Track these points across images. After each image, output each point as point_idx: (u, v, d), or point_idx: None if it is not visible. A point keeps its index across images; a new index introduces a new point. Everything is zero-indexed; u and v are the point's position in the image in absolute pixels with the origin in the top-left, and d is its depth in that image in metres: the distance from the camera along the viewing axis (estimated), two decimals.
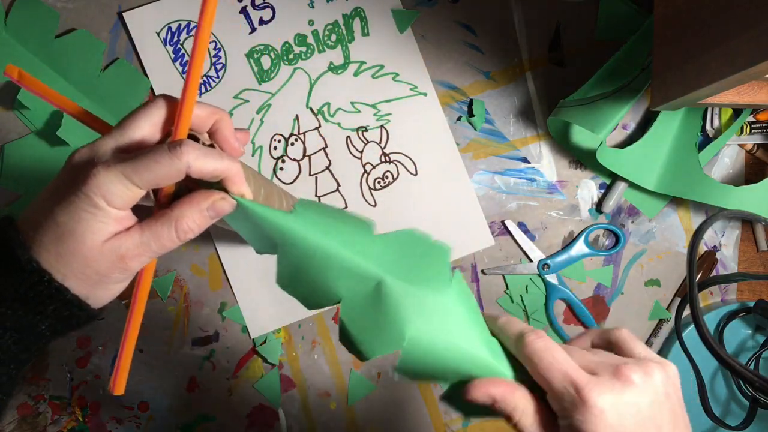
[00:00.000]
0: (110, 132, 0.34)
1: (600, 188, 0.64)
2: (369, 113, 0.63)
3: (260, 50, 0.62)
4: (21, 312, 0.34)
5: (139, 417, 0.62)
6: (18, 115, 0.60)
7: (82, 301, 0.35)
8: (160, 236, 0.35)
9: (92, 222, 0.33)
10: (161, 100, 0.35)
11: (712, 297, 0.66)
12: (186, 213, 0.35)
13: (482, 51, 0.63)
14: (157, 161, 0.32)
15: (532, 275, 0.64)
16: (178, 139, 0.33)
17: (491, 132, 0.64)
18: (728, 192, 0.58)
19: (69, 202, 0.33)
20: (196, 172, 0.33)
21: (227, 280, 0.62)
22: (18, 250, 0.33)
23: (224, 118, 0.37)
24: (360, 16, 0.63)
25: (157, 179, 0.33)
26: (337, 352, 0.63)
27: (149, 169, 0.32)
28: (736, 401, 0.64)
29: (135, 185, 0.33)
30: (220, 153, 0.34)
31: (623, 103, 0.59)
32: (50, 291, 0.33)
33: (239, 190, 0.36)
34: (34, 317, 0.34)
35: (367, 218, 0.36)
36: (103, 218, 0.33)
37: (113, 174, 0.32)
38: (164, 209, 0.35)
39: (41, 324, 0.35)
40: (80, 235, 0.33)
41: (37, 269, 0.33)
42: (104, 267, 0.34)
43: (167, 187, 0.35)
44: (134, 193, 0.33)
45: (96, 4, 0.61)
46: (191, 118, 0.35)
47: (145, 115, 0.34)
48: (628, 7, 0.62)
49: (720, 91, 0.46)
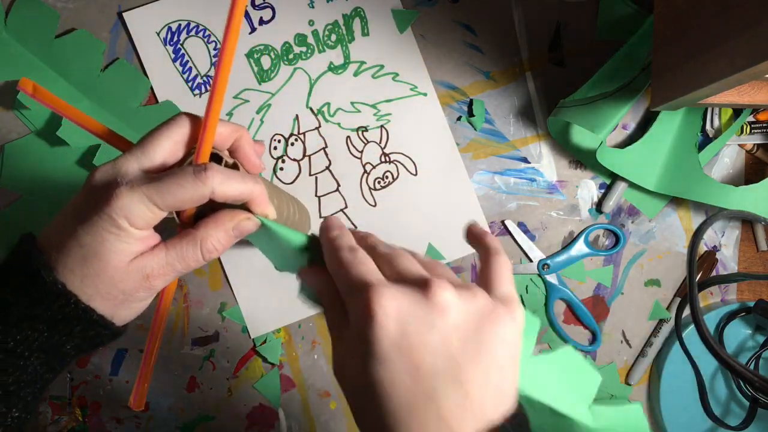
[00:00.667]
0: (132, 150, 0.34)
1: (600, 188, 0.64)
2: (369, 113, 0.63)
3: (260, 50, 0.62)
4: (47, 334, 0.34)
5: (139, 417, 0.62)
6: (18, 115, 0.60)
7: (107, 320, 0.35)
8: (186, 256, 0.35)
9: (116, 243, 0.33)
10: (183, 118, 0.35)
11: (712, 297, 0.66)
12: (211, 233, 0.35)
13: (482, 51, 0.63)
14: (181, 185, 0.32)
15: (532, 275, 0.64)
16: (202, 163, 0.33)
17: (491, 132, 0.64)
18: (728, 192, 0.58)
19: (92, 223, 0.32)
20: (221, 196, 0.33)
21: (227, 280, 0.62)
22: (43, 272, 0.32)
23: (245, 135, 0.37)
24: (360, 16, 0.63)
25: (181, 203, 0.33)
26: None
27: (173, 193, 0.32)
28: (736, 401, 0.64)
29: (158, 207, 0.33)
30: (243, 175, 0.35)
31: (623, 103, 0.59)
32: (77, 313, 0.33)
33: (263, 210, 0.36)
34: (60, 338, 0.34)
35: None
36: (127, 239, 0.33)
37: (137, 196, 0.32)
38: (188, 229, 0.35)
39: (67, 344, 0.35)
40: (104, 256, 0.33)
41: (63, 292, 0.33)
42: (130, 287, 0.34)
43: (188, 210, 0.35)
44: (157, 215, 0.33)
45: (96, 4, 0.61)
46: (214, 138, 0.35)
47: (166, 134, 0.34)
48: (628, 7, 0.62)
49: (720, 91, 0.46)
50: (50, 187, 0.60)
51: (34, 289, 0.33)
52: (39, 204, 0.60)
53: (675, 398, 0.63)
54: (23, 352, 0.33)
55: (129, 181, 0.32)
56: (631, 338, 0.65)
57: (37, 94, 0.35)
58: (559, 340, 0.64)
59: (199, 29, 0.62)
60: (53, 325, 0.33)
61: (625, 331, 0.65)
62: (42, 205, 0.60)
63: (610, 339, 0.65)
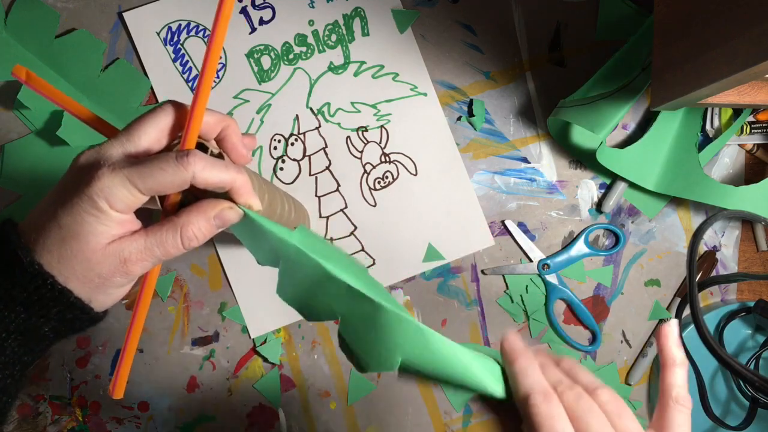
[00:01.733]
0: (117, 136, 0.34)
1: (600, 188, 0.64)
2: (369, 113, 0.63)
3: (260, 50, 0.62)
4: (24, 315, 0.34)
5: (139, 417, 0.62)
6: (18, 115, 0.60)
7: (85, 303, 0.35)
8: (165, 242, 0.35)
9: (95, 224, 0.33)
10: (169, 106, 0.35)
11: (712, 297, 0.66)
12: (192, 220, 0.35)
13: (482, 51, 0.63)
14: (162, 169, 0.32)
15: (532, 275, 0.64)
16: (185, 149, 0.34)
17: (491, 132, 0.64)
18: (728, 192, 0.58)
19: (72, 204, 0.33)
20: (201, 182, 0.33)
21: (227, 280, 0.62)
22: (20, 253, 0.33)
23: (232, 125, 0.37)
24: (360, 16, 0.63)
25: (161, 187, 0.33)
26: (337, 352, 0.63)
27: (154, 177, 0.32)
28: (736, 401, 0.64)
29: (139, 191, 0.33)
30: (226, 164, 0.35)
31: (623, 103, 0.59)
32: (53, 294, 0.33)
33: (246, 201, 0.36)
34: (37, 320, 0.34)
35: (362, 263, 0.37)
36: (106, 221, 0.33)
37: (118, 178, 0.32)
38: (170, 216, 0.35)
39: (44, 326, 0.35)
40: (83, 237, 0.33)
41: (39, 272, 0.33)
42: (106, 270, 0.34)
43: (174, 194, 0.35)
44: (137, 198, 0.33)
45: (96, 4, 0.61)
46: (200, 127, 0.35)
47: (152, 121, 0.34)
48: (628, 7, 0.62)
49: (720, 91, 0.46)
50: (50, 187, 0.60)
51: (11, 270, 0.33)
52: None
53: None
54: (0, 333, 0.33)
55: (111, 164, 0.33)
56: (631, 338, 0.65)
57: (30, 81, 0.35)
58: (559, 340, 0.64)
59: (199, 29, 0.62)
60: (30, 306, 0.33)
61: (625, 331, 0.65)
62: None
63: (610, 339, 0.65)
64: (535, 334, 0.64)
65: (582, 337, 0.64)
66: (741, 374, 0.46)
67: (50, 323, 0.35)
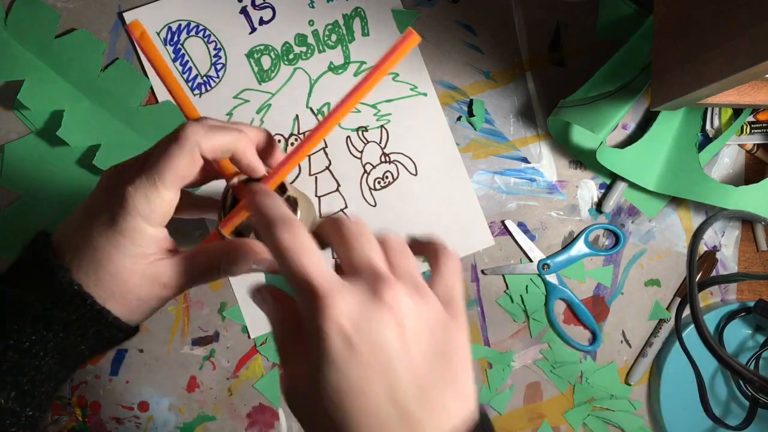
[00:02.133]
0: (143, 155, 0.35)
1: (600, 188, 0.64)
2: (369, 113, 0.63)
3: (260, 50, 0.62)
4: (63, 334, 0.34)
5: (139, 417, 0.62)
6: (18, 115, 0.60)
7: (122, 322, 0.35)
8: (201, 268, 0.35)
9: (131, 247, 0.33)
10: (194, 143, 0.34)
11: (712, 297, 0.66)
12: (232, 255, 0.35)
13: (482, 51, 0.63)
14: (168, 154, 0.32)
15: (532, 275, 0.64)
16: (180, 125, 0.34)
17: (491, 132, 0.64)
18: (728, 192, 0.58)
19: (106, 225, 0.33)
20: (209, 150, 0.33)
21: (227, 280, 0.62)
22: (59, 273, 0.32)
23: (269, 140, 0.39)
24: (360, 16, 0.63)
25: (179, 172, 0.32)
26: None
27: (166, 165, 0.32)
28: (736, 401, 0.64)
29: (164, 187, 0.32)
30: (225, 126, 0.34)
31: (623, 103, 0.59)
32: (92, 314, 0.33)
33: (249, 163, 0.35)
34: (75, 339, 0.34)
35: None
36: (141, 242, 0.33)
37: (141, 190, 0.32)
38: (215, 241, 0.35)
39: (81, 344, 0.35)
40: (119, 261, 0.33)
41: (79, 293, 0.33)
42: (144, 293, 0.34)
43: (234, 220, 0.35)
44: (166, 200, 0.33)
45: (96, 4, 0.61)
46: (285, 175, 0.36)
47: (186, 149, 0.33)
48: (628, 7, 0.62)
49: (720, 91, 0.46)
50: (50, 187, 0.60)
51: (50, 289, 0.33)
52: (39, 204, 0.60)
53: (675, 398, 0.63)
54: (38, 352, 0.33)
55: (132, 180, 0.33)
56: (631, 338, 0.65)
57: (142, 41, 0.34)
58: (559, 340, 0.64)
59: (199, 29, 0.62)
60: (68, 325, 0.33)
61: (625, 331, 0.65)
62: (42, 205, 0.60)
63: (610, 339, 0.65)
64: (535, 334, 0.64)
65: (582, 337, 0.64)
66: (741, 374, 0.46)
67: (87, 341, 0.35)
